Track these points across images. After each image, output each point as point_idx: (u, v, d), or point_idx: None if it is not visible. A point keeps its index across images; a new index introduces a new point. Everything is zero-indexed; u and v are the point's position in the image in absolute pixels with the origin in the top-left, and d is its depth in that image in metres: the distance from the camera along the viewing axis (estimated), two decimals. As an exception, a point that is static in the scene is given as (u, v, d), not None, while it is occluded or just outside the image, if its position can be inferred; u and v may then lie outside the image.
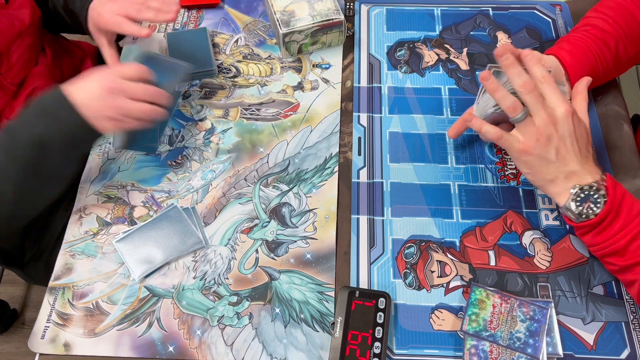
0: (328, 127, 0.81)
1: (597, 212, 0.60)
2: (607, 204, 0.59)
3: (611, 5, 0.74)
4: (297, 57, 0.88)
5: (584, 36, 0.72)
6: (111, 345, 0.66)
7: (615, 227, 0.60)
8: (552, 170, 0.62)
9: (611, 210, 0.59)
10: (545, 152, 0.61)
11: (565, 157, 0.61)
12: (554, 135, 0.61)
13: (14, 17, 0.81)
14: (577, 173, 0.61)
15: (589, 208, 0.61)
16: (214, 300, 0.68)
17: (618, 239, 0.60)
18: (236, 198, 0.75)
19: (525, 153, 0.62)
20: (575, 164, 0.61)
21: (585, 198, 0.61)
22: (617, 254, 0.61)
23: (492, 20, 0.90)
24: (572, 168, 0.61)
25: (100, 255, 0.72)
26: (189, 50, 0.88)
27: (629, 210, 0.60)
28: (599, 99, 0.81)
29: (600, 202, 0.60)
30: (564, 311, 0.65)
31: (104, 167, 0.79)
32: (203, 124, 0.82)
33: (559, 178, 0.62)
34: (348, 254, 0.71)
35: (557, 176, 0.62)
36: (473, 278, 0.68)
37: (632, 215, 0.60)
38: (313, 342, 0.65)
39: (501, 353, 0.62)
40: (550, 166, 0.62)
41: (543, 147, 0.61)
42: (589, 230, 0.62)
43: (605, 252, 0.62)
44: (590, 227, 0.62)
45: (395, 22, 0.91)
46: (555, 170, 0.62)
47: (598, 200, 0.60)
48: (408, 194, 0.74)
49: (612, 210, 0.59)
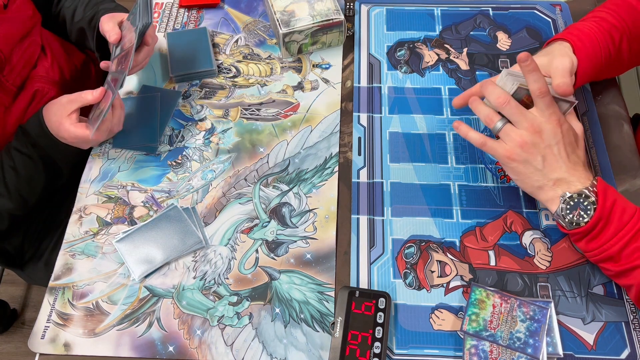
0: (328, 127, 0.81)
1: (587, 220, 0.61)
2: (597, 212, 0.60)
3: (618, 3, 0.74)
4: (297, 57, 0.88)
5: (591, 25, 0.73)
6: (111, 345, 0.66)
7: (608, 234, 0.60)
8: (539, 177, 0.63)
9: (601, 217, 0.60)
10: (532, 159, 0.62)
11: (552, 165, 0.62)
12: (539, 143, 0.61)
13: (15, 20, 0.81)
14: (565, 180, 0.62)
15: (578, 216, 0.61)
16: (214, 300, 0.68)
17: (611, 245, 0.60)
18: (236, 198, 0.75)
19: (510, 159, 0.63)
20: (562, 171, 0.62)
21: (574, 206, 0.61)
22: (611, 259, 0.61)
23: (492, 20, 0.90)
24: (559, 175, 0.62)
25: (100, 255, 0.72)
26: (189, 50, 0.88)
27: (621, 215, 0.60)
28: (599, 99, 0.81)
29: (590, 209, 0.60)
30: (564, 311, 0.65)
31: (104, 167, 0.79)
32: (203, 124, 0.82)
33: (547, 185, 0.63)
34: (348, 254, 0.71)
35: (545, 183, 0.63)
36: (473, 278, 0.68)
37: (625, 220, 0.60)
38: (313, 342, 0.65)
39: (501, 353, 0.62)
40: (537, 173, 0.63)
41: (528, 154, 0.62)
42: (582, 237, 0.63)
43: (599, 258, 0.62)
44: (582, 234, 0.62)
45: (395, 22, 0.91)
46: (542, 177, 0.63)
47: (588, 208, 0.60)
48: (408, 194, 0.74)
49: (602, 217, 0.60)
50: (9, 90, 0.81)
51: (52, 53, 0.89)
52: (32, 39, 0.85)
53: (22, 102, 0.83)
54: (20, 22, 0.82)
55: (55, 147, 0.76)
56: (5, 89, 0.80)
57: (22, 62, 0.83)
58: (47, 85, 0.86)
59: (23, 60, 0.83)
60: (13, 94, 0.82)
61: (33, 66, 0.85)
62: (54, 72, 0.88)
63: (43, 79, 0.86)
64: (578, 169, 0.62)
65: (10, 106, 0.82)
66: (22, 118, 0.83)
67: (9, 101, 0.82)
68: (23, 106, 0.83)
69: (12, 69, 0.81)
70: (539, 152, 0.61)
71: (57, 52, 0.91)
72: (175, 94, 0.84)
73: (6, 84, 0.80)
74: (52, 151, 0.77)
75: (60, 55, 0.91)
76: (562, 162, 0.62)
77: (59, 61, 0.90)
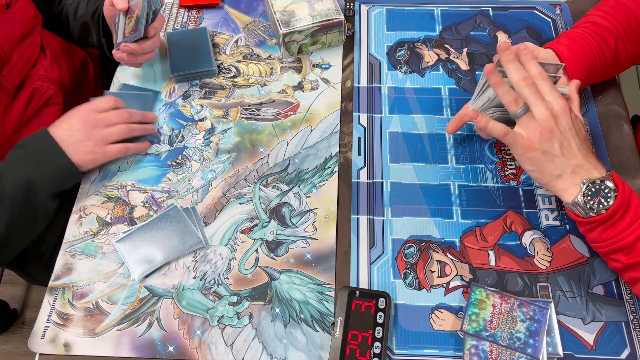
0: (328, 127, 0.81)
1: (607, 206, 0.59)
2: (618, 198, 0.59)
3: (612, 4, 0.74)
4: (297, 57, 0.88)
5: (583, 32, 0.73)
6: (111, 345, 0.66)
7: (625, 223, 0.59)
8: (558, 165, 0.61)
9: (622, 204, 0.59)
10: (550, 146, 0.61)
11: (569, 151, 0.61)
12: (555, 129, 0.61)
13: (16, 20, 0.81)
14: (584, 167, 0.61)
15: (599, 203, 0.60)
16: (214, 300, 0.68)
17: (626, 235, 0.59)
18: (236, 198, 0.75)
19: (530, 149, 0.62)
20: (579, 157, 0.61)
21: (596, 192, 0.60)
22: (623, 250, 0.60)
23: (492, 20, 0.90)
24: (577, 162, 0.61)
25: (100, 255, 0.72)
26: (189, 50, 0.88)
27: (637, 206, 0.59)
28: (599, 99, 0.81)
29: (610, 196, 0.59)
30: (564, 311, 0.65)
31: (104, 167, 0.79)
32: (203, 124, 0.82)
33: (565, 173, 0.62)
34: (348, 254, 0.71)
35: (564, 170, 0.62)
36: (473, 278, 0.68)
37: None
38: (313, 342, 0.65)
39: (501, 353, 0.62)
40: (556, 160, 0.61)
41: (547, 141, 0.61)
42: (597, 226, 0.61)
43: (611, 248, 0.61)
44: (599, 223, 0.61)
45: (395, 22, 0.91)
46: (561, 164, 0.61)
47: (609, 195, 0.59)
48: (408, 194, 0.74)
49: (622, 204, 0.59)
50: (8, 90, 0.81)
51: (51, 53, 0.89)
52: (32, 39, 0.85)
53: (21, 101, 0.83)
54: (21, 23, 0.82)
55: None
56: (4, 88, 0.81)
57: (22, 61, 0.83)
58: (46, 84, 0.86)
59: (22, 60, 0.83)
60: (12, 93, 0.82)
61: (32, 66, 0.85)
62: (53, 71, 0.88)
63: (42, 78, 0.86)
64: (591, 156, 0.62)
65: (10, 106, 0.82)
66: (21, 117, 0.84)
67: (8, 101, 0.82)
68: (22, 105, 0.83)
69: (12, 68, 0.81)
70: (557, 139, 0.61)
71: (57, 52, 0.91)
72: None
73: (5, 83, 0.80)
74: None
75: (60, 55, 0.92)
76: (577, 149, 0.61)
77: (58, 61, 0.90)
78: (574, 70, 0.71)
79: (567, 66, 0.71)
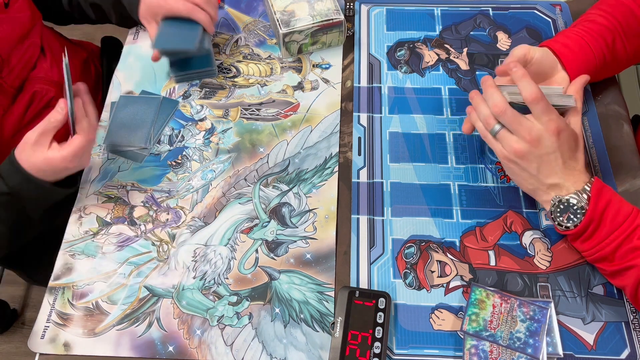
0: (328, 127, 0.81)
1: (576, 223, 0.61)
2: (587, 215, 0.60)
3: (611, 3, 0.74)
4: (297, 57, 0.88)
5: (581, 30, 0.72)
6: (111, 345, 0.66)
7: (601, 234, 0.61)
8: (534, 182, 0.63)
9: (592, 220, 0.60)
10: (527, 165, 0.62)
11: (547, 171, 0.62)
12: (535, 152, 0.61)
13: (15, 20, 0.81)
14: (559, 185, 0.63)
15: (568, 219, 0.62)
16: (214, 300, 0.68)
17: (604, 245, 0.61)
18: (236, 198, 0.75)
19: (507, 160, 0.63)
20: (557, 177, 0.62)
21: (564, 210, 0.62)
22: (605, 259, 0.62)
23: (492, 20, 0.90)
24: (554, 181, 0.62)
25: (100, 255, 0.72)
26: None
27: (615, 217, 0.60)
28: (599, 98, 0.81)
29: (579, 213, 0.61)
30: (564, 311, 0.65)
31: (104, 167, 0.79)
32: (203, 124, 0.82)
33: (540, 189, 0.64)
34: (348, 254, 0.70)
35: (539, 187, 0.64)
36: (473, 278, 0.68)
37: (619, 221, 0.60)
38: (313, 342, 0.65)
39: (501, 353, 0.62)
40: (532, 178, 0.63)
41: (523, 161, 0.62)
42: (576, 238, 0.63)
43: (594, 257, 0.63)
44: (575, 236, 0.63)
45: (395, 22, 0.91)
46: (536, 182, 0.63)
47: (577, 212, 0.61)
48: (408, 194, 0.74)
49: (593, 219, 0.60)
50: (7, 92, 0.81)
51: (52, 54, 0.89)
52: (32, 40, 0.85)
53: (21, 104, 0.83)
54: (20, 23, 0.82)
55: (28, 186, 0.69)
56: (3, 90, 0.80)
57: (22, 63, 0.83)
58: (46, 86, 0.86)
59: (22, 62, 0.83)
60: (11, 95, 0.82)
61: (32, 67, 0.85)
62: (52, 72, 0.88)
63: (42, 80, 0.86)
64: (574, 173, 0.62)
65: (9, 108, 0.82)
66: (20, 120, 0.83)
67: (7, 103, 0.81)
68: (22, 108, 0.83)
69: (11, 70, 0.81)
70: (535, 160, 0.61)
71: (58, 53, 0.91)
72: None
73: (4, 85, 0.80)
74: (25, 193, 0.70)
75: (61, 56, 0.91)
76: (558, 169, 0.62)
77: (58, 62, 0.90)
78: (571, 66, 0.71)
79: (565, 63, 0.71)
